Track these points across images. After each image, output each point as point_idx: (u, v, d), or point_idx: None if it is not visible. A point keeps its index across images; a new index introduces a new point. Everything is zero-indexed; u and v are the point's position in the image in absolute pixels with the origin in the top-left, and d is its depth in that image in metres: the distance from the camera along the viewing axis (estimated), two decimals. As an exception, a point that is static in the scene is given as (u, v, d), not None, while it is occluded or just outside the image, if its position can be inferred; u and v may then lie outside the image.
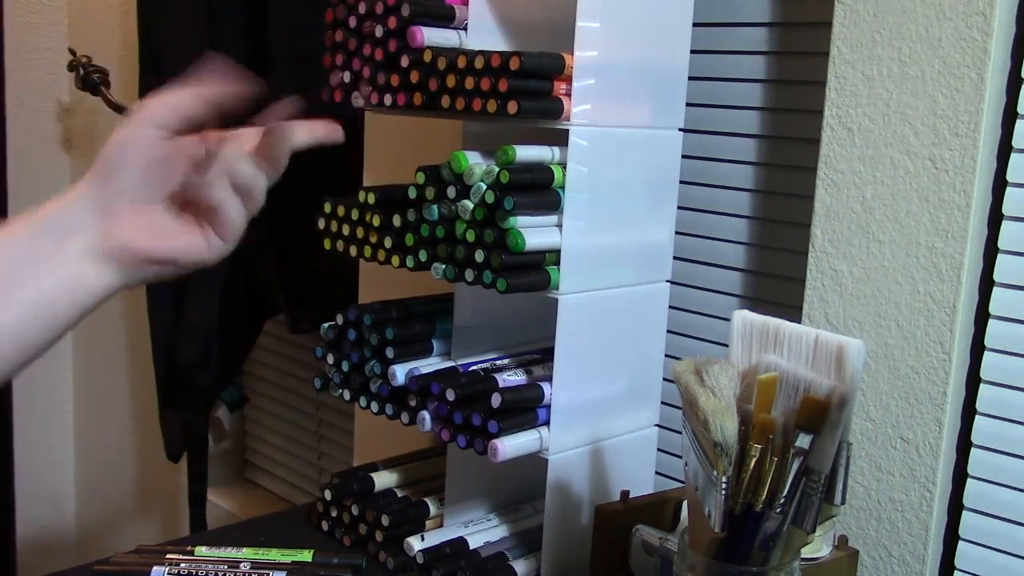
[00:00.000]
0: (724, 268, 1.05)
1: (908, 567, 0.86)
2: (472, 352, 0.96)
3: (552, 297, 0.85)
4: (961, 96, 0.80)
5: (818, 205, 0.89)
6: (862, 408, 0.87)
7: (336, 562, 0.88)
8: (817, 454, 0.60)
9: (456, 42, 0.90)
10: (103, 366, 2.09)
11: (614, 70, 0.87)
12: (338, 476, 1.02)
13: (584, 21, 0.83)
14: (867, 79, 0.85)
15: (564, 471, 0.89)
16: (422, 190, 0.87)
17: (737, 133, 1.03)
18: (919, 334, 0.84)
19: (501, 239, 0.82)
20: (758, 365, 0.64)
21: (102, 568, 0.84)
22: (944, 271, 0.82)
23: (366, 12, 0.89)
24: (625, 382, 0.95)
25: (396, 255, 0.90)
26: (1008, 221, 0.81)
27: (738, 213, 1.03)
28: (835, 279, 0.89)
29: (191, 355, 1.59)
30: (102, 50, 1.84)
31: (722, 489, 0.60)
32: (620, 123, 0.89)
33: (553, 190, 0.85)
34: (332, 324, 0.97)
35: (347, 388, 0.97)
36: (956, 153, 0.80)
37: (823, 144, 0.88)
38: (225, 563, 0.85)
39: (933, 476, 0.84)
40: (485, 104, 0.82)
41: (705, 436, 0.60)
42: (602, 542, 0.85)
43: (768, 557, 0.62)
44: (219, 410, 1.85)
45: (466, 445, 0.87)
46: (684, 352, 1.05)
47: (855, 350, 0.61)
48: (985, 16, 0.78)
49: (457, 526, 0.96)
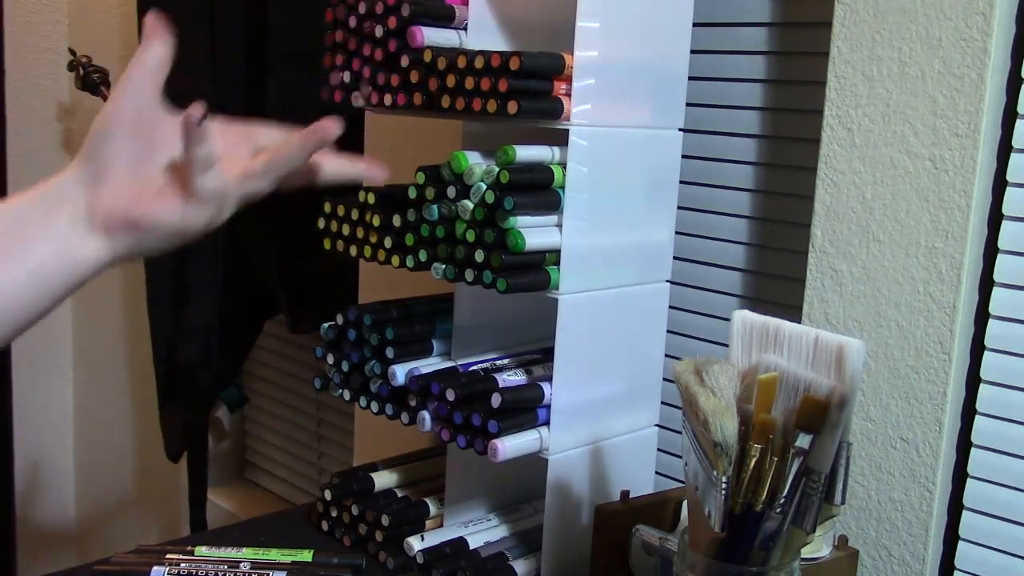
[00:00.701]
0: (724, 268, 1.05)
1: (908, 567, 0.86)
2: (472, 352, 0.96)
3: (552, 297, 0.85)
4: (961, 96, 0.80)
5: (818, 205, 0.89)
6: (862, 408, 0.87)
7: (336, 562, 0.88)
8: (817, 454, 0.60)
9: (456, 42, 0.90)
10: (103, 365, 2.09)
11: (614, 70, 0.87)
12: (338, 476, 1.02)
13: (584, 21, 0.83)
14: (867, 79, 0.85)
15: (564, 471, 0.89)
16: (422, 190, 0.87)
17: (737, 133, 1.03)
18: (919, 334, 0.84)
19: (501, 239, 0.82)
20: (758, 365, 0.64)
21: (102, 568, 0.84)
22: (944, 271, 0.82)
23: (366, 12, 0.89)
24: (625, 382, 0.95)
25: (396, 255, 0.90)
26: (1008, 221, 0.81)
27: (738, 213, 1.03)
28: (835, 279, 0.89)
29: (191, 355, 1.59)
30: (102, 50, 1.84)
31: (722, 489, 0.60)
32: (620, 123, 0.89)
33: (553, 190, 0.85)
34: (332, 324, 0.97)
35: (347, 388, 0.97)
36: (956, 153, 0.80)
37: (823, 144, 0.88)
38: (225, 563, 0.85)
39: (933, 476, 0.84)
40: (485, 104, 0.82)
41: (705, 436, 0.60)
42: (602, 542, 0.85)
43: (768, 557, 0.62)
44: (219, 410, 1.85)
45: (466, 445, 0.87)
46: (684, 352, 1.05)
47: (855, 350, 0.61)
48: (985, 16, 0.78)
49: (457, 526, 0.96)
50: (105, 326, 2.06)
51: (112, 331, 2.04)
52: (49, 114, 2.05)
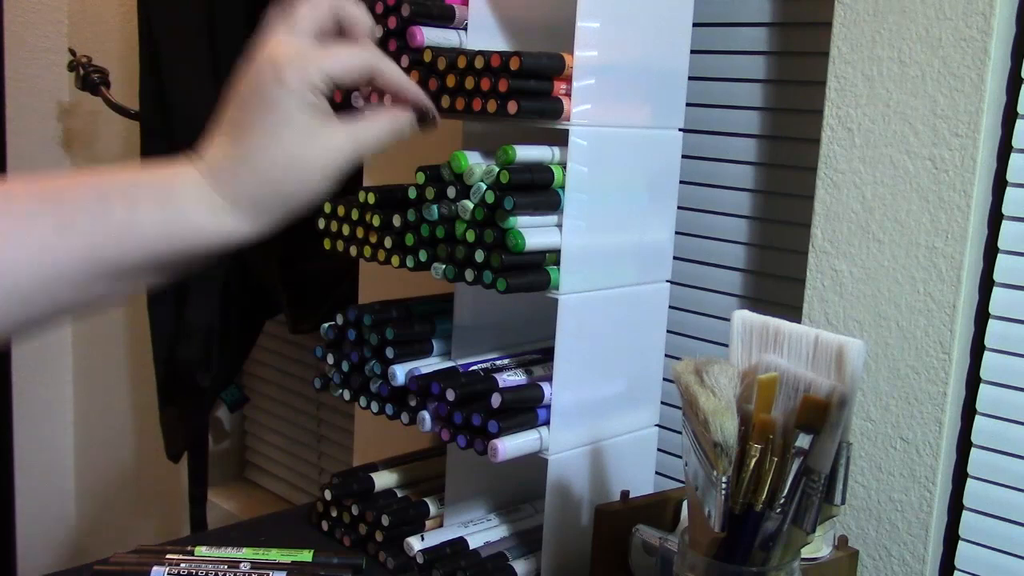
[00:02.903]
0: (724, 268, 1.05)
1: (908, 567, 0.86)
2: (472, 352, 0.96)
3: (552, 297, 0.85)
4: (961, 96, 0.80)
5: (818, 205, 0.89)
6: (862, 408, 0.87)
7: (336, 562, 0.88)
8: (817, 454, 0.60)
9: (456, 42, 0.90)
10: (103, 366, 2.09)
11: (614, 70, 0.87)
12: (338, 476, 1.02)
13: (584, 21, 0.83)
14: (867, 79, 0.85)
15: (564, 471, 0.89)
16: (422, 190, 0.87)
17: (737, 133, 1.03)
18: (919, 334, 0.84)
19: (501, 239, 0.82)
20: (758, 365, 0.64)
21: (102, 568, 0.84)
22: (944, 271, 0.82)
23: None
24: (625, 382, 0.95)
25: (396, 255, 0.90)
26: (1008, 221, 0.81)
27: (738, 213, 1.03)
28: (835, 279, 0.89)
29: (191, 355, 1.59)
30: (102, 50, 1.84)
31: (722, 489, 0.60)
32: (620, 123, 0.89)
33: (553, 190, 0.85)
34: (332, 324, 0.97)
35: (347, 388, 0.97)
36: (956, 153, 0.80)
37: (823, 144, 0.88)
38: (225, 563, 0.85)
39: (933, 476, 0.84)
40: (485, 104, 0.82)
41: (705, 436, 0.60)
42: (602, 542, 0.85)
43: (768, 557, 0.62)
44: (219, 410, 1.85)
45: (466, 445, 0.87)
46: (684, 352, 1.05)
47: (855, 350, 0.61)
48: (985, 16, 0.78)
49: (457, 526, 0.96)
50: (105, 326, 2.06)
51: (112, 331, 2.04)
52: (49, 114, 2.05)
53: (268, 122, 0.57)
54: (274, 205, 0.58)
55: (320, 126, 0.58)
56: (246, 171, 0.57)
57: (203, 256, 0.58)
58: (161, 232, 0.56)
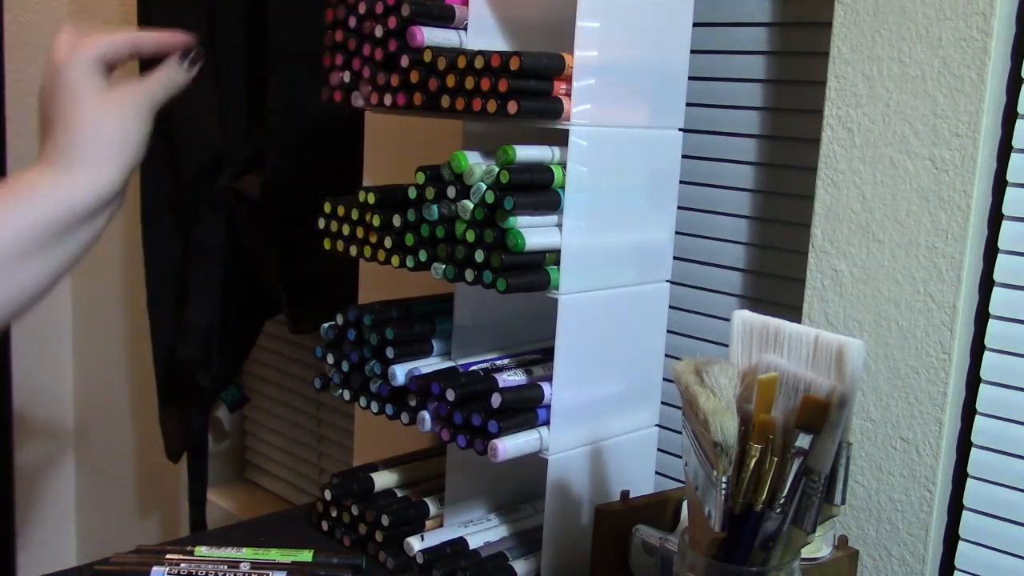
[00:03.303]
0: (724, 268, 1.05)
1: (908, 567, 0.86)
2: (472, 352, 0.96)
3: (552, 297, 0.85)
4: (961, 96, 0.80)
5: (818, 205, 0.89)
6: (862, 408, 0.87)
7: (336, 562, 0.88)
8: (817, 454, 0.60)
9: (456, 42, 0.90)
10: (103, 366, 2.09)
11: (614, 70, 0.87)
12: (338, 476, 1.02)
13: (584, 21, 0.83)
14: (867, 79, 0.85)
15: (564, 471, 0.89)
16: (422, 190, 0.87)
17: (737, 133, 1.03)
18: (919, 334, 0.84)
19: (501, 239, 0.82)
20: (758, 365, 0.64)
21: (102, 568, 0.84)
22: (944, 271, 0.82)
23: (366, 12, 0.89)
24: (625, 382, 0.95)
25: (396, 255, 0.90)
26: (1008, 221, 0.81)
27: (738, 213, 1.03)
28: (835, 279, 0.89)
29: (191, 355, 1.59)
30: (102, 50, 1.84)
31: (722, 489, 0.60)
32: (620, 123, 0.89)
33: (553, 190, 0.85)
34: (332, 324, 0.97)
35: (347, 388, 0.97)
36: (956, 153, 0.80)
37: (823, 144, 0.88)
38: (225, 563, 0.85)
39: (933, 476, 0.84)
40: (485, 104, 0.82)
41: (705, 436, 0.60)
42: (602, 542, 0.85)
43: (768, 557, 0.62)
44: (219, 410, 1.85)
45: (466, 445, 0.87)
46: (684, 352, 1.05)
47: (855, 350, 0.61)
48: (985, 16, 0.78)
49: (457, 526, 0.96)
50: (105, 326, 2.06)
51: (112, 331, 2.04)
52: (49, 114, 2.05)
53: (66, 100, 0.72)
54: (105, 156, 0.72)
55: (110, 90, 0.73)
56: (65, 141, 0.71)
57: (88, 215, 0.71)
58: (42, 206, 0.70)
